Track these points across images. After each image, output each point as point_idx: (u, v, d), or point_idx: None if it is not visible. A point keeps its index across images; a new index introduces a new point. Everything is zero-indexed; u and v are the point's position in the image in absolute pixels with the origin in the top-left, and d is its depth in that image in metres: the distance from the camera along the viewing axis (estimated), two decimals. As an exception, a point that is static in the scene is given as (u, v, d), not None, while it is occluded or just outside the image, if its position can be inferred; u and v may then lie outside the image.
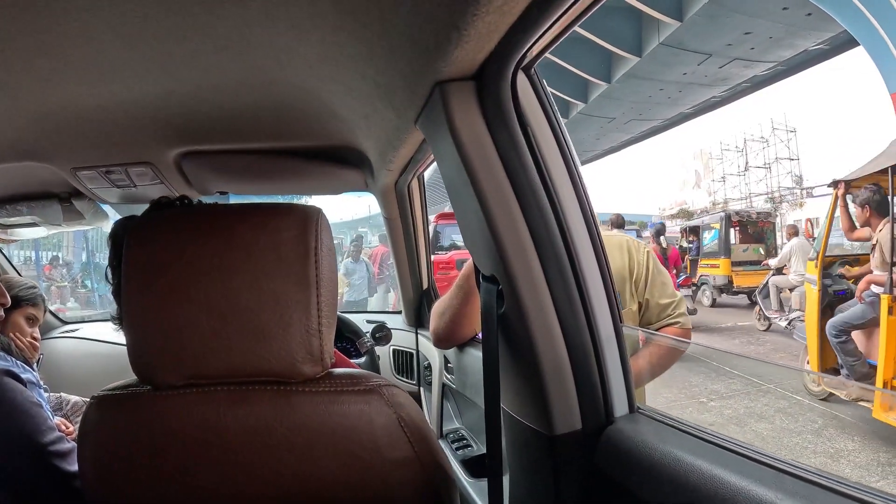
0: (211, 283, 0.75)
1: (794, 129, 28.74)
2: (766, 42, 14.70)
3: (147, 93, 1.02)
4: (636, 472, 0.72)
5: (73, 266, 14.09)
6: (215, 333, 0.75)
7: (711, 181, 32.48)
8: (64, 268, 13.25)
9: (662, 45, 14.37)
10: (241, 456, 0.77)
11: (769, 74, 17.81)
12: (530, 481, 0.90)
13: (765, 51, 15.37)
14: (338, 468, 0.77)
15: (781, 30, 13.92)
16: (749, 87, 19.20)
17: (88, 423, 0.82)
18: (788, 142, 28.70)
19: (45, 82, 0.94)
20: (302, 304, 0.76)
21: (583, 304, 0.81)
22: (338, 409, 0.77)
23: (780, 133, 28.88)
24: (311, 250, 0.76)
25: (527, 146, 0.79)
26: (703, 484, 0.61)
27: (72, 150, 1.33)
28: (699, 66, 16.08)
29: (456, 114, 0.77)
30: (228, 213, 0.79)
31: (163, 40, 0.81)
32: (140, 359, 0.78)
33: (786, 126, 28.92)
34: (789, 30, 13.93)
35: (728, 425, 4.47)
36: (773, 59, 16.10)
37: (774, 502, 0.54)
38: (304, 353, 0.76)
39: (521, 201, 0.79)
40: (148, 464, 0.79)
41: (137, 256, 0.78)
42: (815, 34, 14.29)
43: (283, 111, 1.16)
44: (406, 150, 1.21)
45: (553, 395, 0.81)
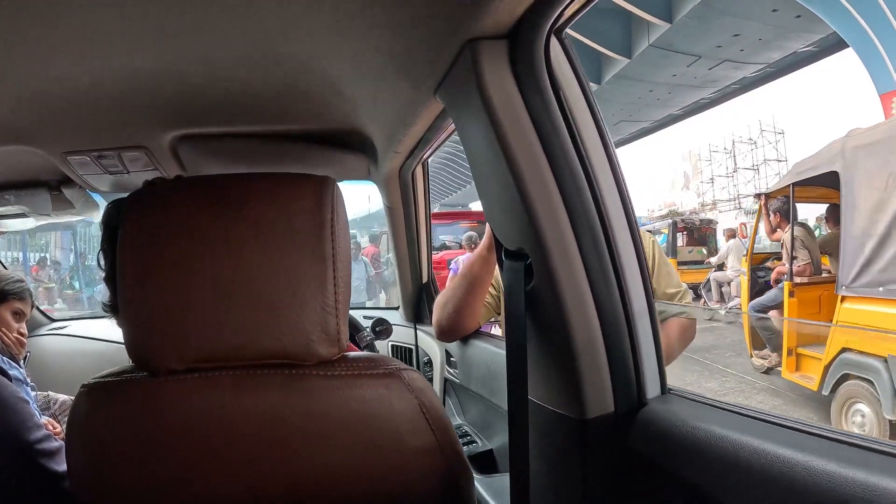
0: (217, 258, 0.69)
1: (782, 130, 28.98)
2: (755, 44, 14.77)
3: (145, 69, 0.97)
4: (679, 453, 0.68)
5: (62, 267, 13.91)
6: (222, 311, 0.68)
7: (700, 182, 32.64)
8: (52, 269, 13.08)
9: (652, 47, 14.38)
10: (249, 448, 0.70)
11: (758, 76, 17.93)
12: (555, 470, 0.85)
13: (754, 52, 15.45)
14: (355, 459, 0.71)
15: (771, 32, 14.01)
16: (738, 88, 19.32)
17: (77, 414, 0.74)
18: (776, 143, 28.92)
19: (35, 58, 0.89)
20: (317, 278, 0.70)
21: (616, 277, 0.77)
22: (356, 394, 0.71)
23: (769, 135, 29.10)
24: (327, 222, 0.70)
25: (559, 110, 0.75)
26: (755, 459, 0.58)
27: (62, 133, 1.27)
28: (688, 67, 16.13)
29: (487, 74, 0.74)
30: (236, 184, 0.72)
31: (163, 10, 0.75)
32: (137, 341, 0.71)
33: (774, 128, 29.16)
34: (778, 32, 14.02)
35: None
36: (762, 60, 16.19)
37: (835, 472, 0.51)
38: (320, 333, 0.70)
39: (553, 167, 0.75)
40: (144, 459, 0.71)
41: (136, 230, 0.71)
42: (805, 36, 14.39)
43: (285, 91, 1.11)
44: (417, 127, 1.17)
45: (585, 377, 0.77)
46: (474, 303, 1.45)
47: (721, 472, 0.62)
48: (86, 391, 0.74)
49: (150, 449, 0.71)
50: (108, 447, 0.72)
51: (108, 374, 0.74)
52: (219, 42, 0.88)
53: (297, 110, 1.23)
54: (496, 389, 1.35)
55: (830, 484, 0.51)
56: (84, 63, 0.92)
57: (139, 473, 0.71)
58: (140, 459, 0.71)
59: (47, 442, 1.11)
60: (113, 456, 0.72)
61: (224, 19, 0.79)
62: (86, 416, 0.73)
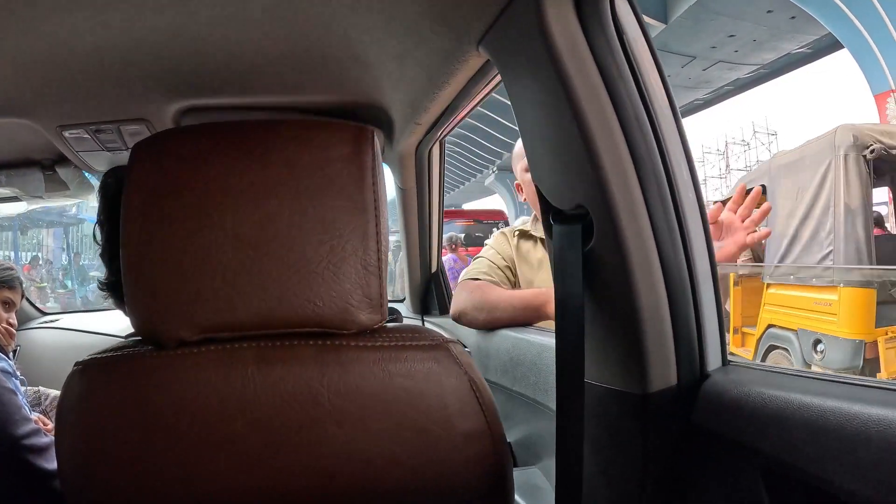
0: (240, 207, 0.59)
1: (774, 132, 29.16)
2: (749, 45, 14.87)
3: (150, 32, 0.89)
4: (753, 424, 0.63)
5: (53, 266, 13.76)
6: (245, 269, 0.59)
7: (693, 184, 32.86)
8: (44, 268, 12.92)
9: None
10: (274, 434, 0.59)
11: (752, 77, 18.05)
12: (608, 450, 0.78)
13: (748, 53, 15.55)
14: (399, 445, 0.61)
15: (765, 32, 14.09)
16: (732, 89, 19.46)
17: (69, 397, 0.61)
18: (769, 145, 29.09)
19: (30, 20, 0.81)
20: (358, 232, 0.61)
21: (682, 236, 0.71)
22: (401, 369, 0.61)
23: (762, 136, 29.28)
24: (368, 169, 0.62)
25: (625, 58, 0.69)
26: (846, 422, 0.54)
27: (58, 104, 1.19)
28: (682, 68, 16.19)
29: (551, 15, 0.67)
30: (262, 127, 0.63)
31: None
32: (142, 309, 0.60)
33: (767, 129, 29.34)
34: (773, 33, 14.10)
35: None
36: (756, 61, 16.30)
37: None
38: (361, 296, 0.61)
39: (621, 119, 0.68)
40: (149, 448, 0.59)
41: (144, 176, 0.60)
42: (799, 37, 14.49)
43: (300, 58, 1.03)
44: (447, 91, 1.09)
45: (649, 346, 0.69)
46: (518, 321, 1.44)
47: (805, 440, 0.58)
48: (79, 370, 0.62)
49: (156, 436, 0.59)
50: (106, 435, 0.60)
51: (107, 350, 0.63)
52: (233, 1, 0.80)
53: (310, 80, 1.15)
54: (519, 378, 1.28)
55: None
56: (84, 25, 0.84)
57: (143, 466, 0.60)
58: (144, 449, 0.60)
59: (36, 437, 1.02)
60: (112, 446, 0.60)
61: None
62: (79, 399, 0.61)
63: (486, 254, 1.67)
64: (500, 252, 1.65)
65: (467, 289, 1.56)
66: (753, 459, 0.64)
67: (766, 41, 14.67)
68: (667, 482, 0.74)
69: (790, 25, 13.55)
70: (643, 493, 0.74)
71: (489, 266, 1.62)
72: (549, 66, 0.68)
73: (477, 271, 1.61)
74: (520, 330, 1.37)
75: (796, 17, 12.72)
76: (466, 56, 0.90)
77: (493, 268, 1.61)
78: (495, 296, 1.48)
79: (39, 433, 1.03)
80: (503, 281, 1.59)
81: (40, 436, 1.03)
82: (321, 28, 0.90)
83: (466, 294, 1.55)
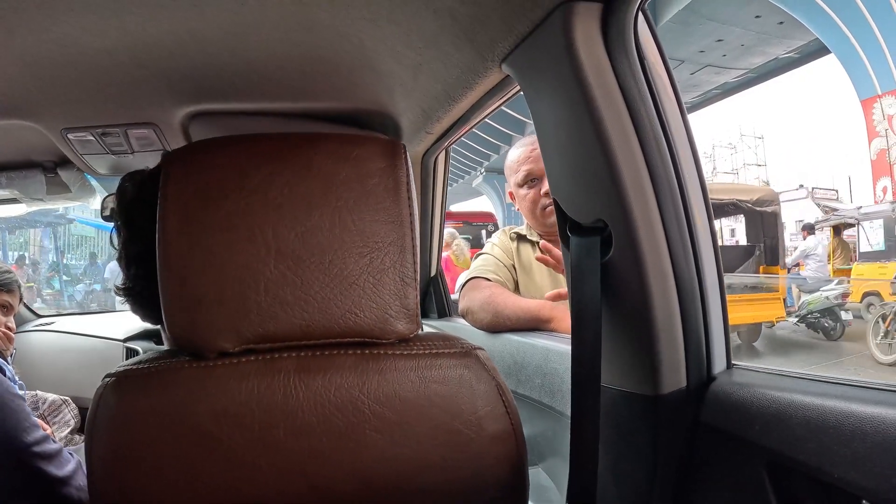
0: (281, 220, 0.60)
1: (761, 135, 29.44)
2: (737, 49, 15.01)
3: (162, 36, 0.89)
4: (757, 422, 0.69)
5: (40, 266, 13.57)
6: (287, 282, 0.60)
7: (681, 187, 33.07)
8: (31, 268, 12.73)
9: (637, 51, 14.55)
10: (316, 440, 0.60)
11: (740, 81, 18.21)
12: (620, 449, 0.82)
13: (736, 58, 15.69)
14: (433, 447, 0.63)
15: (753, 37, 14.24)
16: (719, 93, 19.60)
17: (104, 409, 0.60)
18: (756, 148, 29.36)
19: (40, 21, 0.81)
20: (395, 244, 0.62)
21: (693, 247, 0.77)
22: (435, 375, 0.63)
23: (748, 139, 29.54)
24: (403, 184, 0.63)
25: (645, 80, 0.74)
26: (843, 419, 0.59)
27: (64, 107, 1.18)
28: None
29: (579, 39, 0.72)
30: (300, 140, 0.64)
31: None
32: (181, 320, 0.60)
33: (753, 133, 29.60)
34: (761, 38, 14.25)
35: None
36: (744, 66, 16.45)
37: None
38: (399, 307, 0.62)
39: (640, 138, 0.74)
40: (191, 458, 0.59)
41: (181, 186, 0.61)
42: (787, 42, 14.65)
43: (313, 65, 1.04)
44: (463, 103, 1.11)
45: (662, 351, 0.75)
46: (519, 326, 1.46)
47: (806, 437, 0.63)
48: (113, 382, 0.61)
49: (198, 445, 0.59)
50: (145, 445, 0.60)
51: (139, 362, 0.63)
52: (251, 4, 0.81)
53: (321, 87, 1.15)
54: (524, 380, 1.30)
55: None
56: (95, 27, 0.85)
57: (185, 474, 0.60)
58: (186, 458, 0.59)
59: (45, 444, 1.01)
60: (151, 455, 0.60)
61: None
62: (116, 410, 0.60)
63: (492, 252, 1.68)
64: (504, 251, 1.67)
65: (478, 288, 1.57)
66: (758, 455, 0.68)
67: (754, 46, 14.81)
68: (676, 477, 0.78)
69: (778, 30, 13.70)
70: (653, 488, 0.78)
71: (496, 265, 1.63)
72: (575, 86, 0.73)
73: (485, 269, 1.62)
74: (524, 334, 1.39)
75: (784, 23, 12.86)
76: (488, 72, 0.93)
77: (499, 266, 1.63)
78: (503, 300, 1.49)
79: (48, 440, 1.03)
80: (508, 280, 1.61)
81: (49, 442, 1.02)
82: (337, 37, 0.91)
83: (478, 293, 1.56)
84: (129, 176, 0.87)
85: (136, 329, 2.24)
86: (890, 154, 11.70)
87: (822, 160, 24.14)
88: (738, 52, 15.18)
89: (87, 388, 2.11)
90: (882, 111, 11.52)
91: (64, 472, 0.96)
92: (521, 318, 1.43)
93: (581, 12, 0.71)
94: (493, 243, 1.71)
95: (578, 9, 0.71)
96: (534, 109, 0.85)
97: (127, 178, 0.87)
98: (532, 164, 1.59)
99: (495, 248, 1.69)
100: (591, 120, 0.72)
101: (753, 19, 13.14)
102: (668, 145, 0.76)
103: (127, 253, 0.84)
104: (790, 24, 12.65)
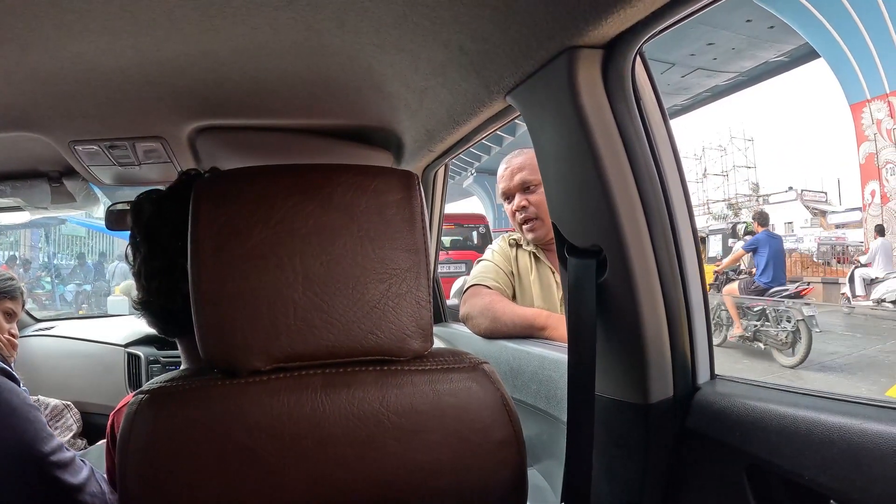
0: (308, 248, 0.65)
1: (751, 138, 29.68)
2: (728, 53, 15.12)
3: (174, 54, 0.93)
4: (738, 429, 0.76)
5: (31, 266, 13.43)
6: (314, 306, 0.65)
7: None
8: (21, 267, 12.60)
9: (628, 53, 14.59)
10: (341, 449, 0.66)
11: (730, 84, 18.32)
12: (613, 454, 0.88)
13: (727, 61, 15.81)
14: (445, 454, 0.69)
15: (744, 41, 14.35)
16: (709, 96, 19.74)
17: (141, 423, 0.63)
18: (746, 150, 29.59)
19: (53, 37, 0.84)
20: (412, 271, 0.68)
21: (680, 268, 0.84)
22: (447, 388, 0.69)
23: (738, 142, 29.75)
24: (417, 215, 0.69)
25: (640, 119, 0.81)
26: (813, 427, 0.66)
27: (73, 121, 1.21)
28: (662, 74, 16.40)
29: (581, 81, 0.79)
30: (322, 172, 0.69)
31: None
32: (216, 340, 0.65)
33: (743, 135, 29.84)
34: (751, 41, 14.37)
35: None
36: (734, 69, 16.57)
37: (886, 431, 0.60)
38: (415, 327, 0.68)
39: (634, 171, 0.81)
40: (227, 469, 0.63)
41: (212, 216, 0.65)
42: (777, 46, 14.78)
43: (322, 85, 1.08)
44: (466, 126, 1.16)
45: (651, 363, 0.82)
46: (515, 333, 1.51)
47: (780, 443, 0.70)
48: (147, 399, 0.64)
49: (233, 457, 0.64)
50: (183, 459, 0.63)
51: (171, 379, 0.67)
52: (264, 29, 0.85)
53: (330, 105, 1.19)
54: (519, 386, 1.34)
55: (882, 441, 0.60)
56: (110, 48, 0.88)
57: (220, 486, 0.64)
58: (221, 469, 0.64)
59: (61, 453, 1.03)
60: (187, 469, 0.63)
61: (276, 3, 0.76)
62: (153, 425, 0.63)
63: (493, 259, 1.72)
64: (504, 258, 1.71)
65: (479, 294, 1.62)
66: (739, 459, 0.75)
67: (745, 49, 14.93)
68: (665, 479, 0.85)
69: (768, 34, 13.82)
70: (643, 489, 0.85)
71: (496, 272, 1.68)
72: (576, 123, 0.80)
73: (485, 277, 1.67)
74: (520, 342, 1.43)
75: (775, 27, 12.98)
76: (493, 102, 0.98)
77: (499, 273, 1.67)
78: (501, 307, 1.53)
79: (63, 448, 1.04)
80: (507, 287, 1.66)
81: (64, 451, 1.03)
82: (345, 60, 0.95)
83: (478, 300, 1.60)
84: (146, 195, 0.90)
85: (137, 334, 2.25)
86: (878, 158, 11.85)
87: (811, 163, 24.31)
88: (729, 55, 15.29)
89: (88, 392, 2.14)
90: (871, 115, 11.68)
91: (79, 480, 0.98)
92: (517, 324, 1.47)
93: (584, 57, 0.78)
94: (494, 250, 1.76)
95: (581, 54, 0.78)
96: (535, 139, 0.91)
97: (144, 197, 0.91)
98: (507, 182, 1.65)
99: (495, 254, 1.73)
100: (590, 154, 0.79)
101: (744, 23, 13.23)
102: (659, 178, 0.83)
103: (147, 268, 0.88)
104: (781, 29, 12.76)
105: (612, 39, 0.76)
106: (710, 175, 30.99)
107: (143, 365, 2.18)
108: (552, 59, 0.80)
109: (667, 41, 13.78)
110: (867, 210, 12.67)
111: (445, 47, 0.87)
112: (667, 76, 16.64)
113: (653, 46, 0.83)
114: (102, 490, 1.00)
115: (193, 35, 0.86)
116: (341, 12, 0.80)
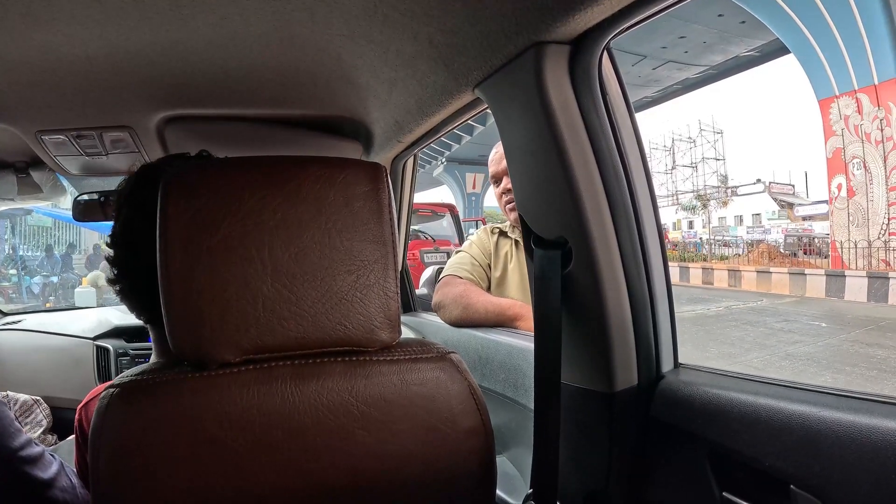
0: (276, 240, 0.65)
1: (720, 130, 30.10)
2: (699, 46, 15.31)
3: (143, 44, 0.91)
4: (700, 417, 0.78)
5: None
6: (282, 299, 0.65)
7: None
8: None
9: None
10: (310, 440, 0.66)
11: (700, 77, 18.56)
12: (579, 441, 0.90)
13: (698, 55, 16.01)
14: (414, 443, 0.70)
15: (715, 35, 14.54)
16: (680, 88, 19.98)
17: (112, 416, 0.63)
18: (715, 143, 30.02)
19: (17, 25, 0.83)
20: (380, 263, 0.68)
21: (644, 260, 0.86)
22: (415, 378, 0.70)
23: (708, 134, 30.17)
24: (385, 207, 0.69)
25: (606, 114, 0.83)
26: (773, 415, 0.69)
27: (40, 110, 1.19)
28: (633, 66, 16.56)
29: (548, 75, 0.80)
30: (290, 164, 0.69)
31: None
32: (185, 333, 0.65)
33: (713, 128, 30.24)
34: (723, 36, 14.57)
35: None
36: (705, 63, 16.79)
37: (843, 419, 0.63)
38: (383, 319, 0.69)
39: (599, 165, 0.83)
40: (198, 461, 0.64)
41: (180, 210, 0.65)
42: (747, 41, 15.01)
43: (291, 75, 1.08)
44: (435, 118, 1.16)
45: (616, 353, 0.84)
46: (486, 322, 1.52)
47: (741, 430, 0.72)
48: (117, 392, 0.64)
49: (204, 448, 0.64)
50: (154, 451, 0.63)
51: (141, 373, 0.67)
52: (234, 18, 0.84)
53: (299, 95, 1.19)
54: (488, 374, 1.36)
55: (839, 428, 0.62)
56: (77, 36, 0.87)
57: (193, 477, 0.64)
58: (193, 461, 0.64)
59: (30, 448, 1.01)
60: (159, 461, 0.63)
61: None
62: (124, 417, 0.63)
63: (470, 250, 1.74)
64: (482, 250, 1.73)
65: (452, 284, 1.64)
66: (701, 446, 0.77)
67: (716, 44, 15.14)
68: (630, 465, 0.87)
69: (740, 29, 14.02)
70: (610, 475, 0.87)
71: (472, 264, 1.70)
72: (542, 116, 0.81)
73: (460, 268, 1.69)
74: (488, 331, 1.45)
75: (746, 22, 13.17)
76: (461, 94, 0.99)
77: (475, 266, 1.70)
78: (475, 296, 1.56)
79: (32, 443, 1.02)
80: (481, 278, 1.68)
81: (33, 446, 1.02)
82: (315, 51, 0.95)
83: (451, 289, 1.62)
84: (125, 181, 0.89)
85: (105, 326, 2.21)
86: (845, 153, 12.15)
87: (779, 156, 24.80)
88: (700, 49, 15.48)
89: (57, 387, 2.10)
90: (839, 111, 11.95)
91: (49, 475, 0.97)
92: (490, 311, 1.49)
93: (551, 52, 0.79)
94: (472, 241, 1.78)
95: (549, 49, 0.79)
96: (502, 132, 0.92)
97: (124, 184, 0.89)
98: (495, 166, 1.69)
99: (473, 246, 1.75)
100: (556, 148, 0.81)
101: (716, 18, 13.41)
102: (624, 172, 0.84)
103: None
104: (752, 24, 12.95)
105: (580, 35, 0.78)
106: (679, 167, 31.39)
107: (112, 358, 2.14)
108: (520, 54, 0.81)
109: (638, 34, 13.86)
110: (833, 203, 13.00)
111: (415, 39, 0.87)
112: (637, 68, 16.79)
113: (624, 39, 0.84)
114: (73, 484, 0.99)
115: (162, 24, 0.85)
116: (312, 3, 0.80)
